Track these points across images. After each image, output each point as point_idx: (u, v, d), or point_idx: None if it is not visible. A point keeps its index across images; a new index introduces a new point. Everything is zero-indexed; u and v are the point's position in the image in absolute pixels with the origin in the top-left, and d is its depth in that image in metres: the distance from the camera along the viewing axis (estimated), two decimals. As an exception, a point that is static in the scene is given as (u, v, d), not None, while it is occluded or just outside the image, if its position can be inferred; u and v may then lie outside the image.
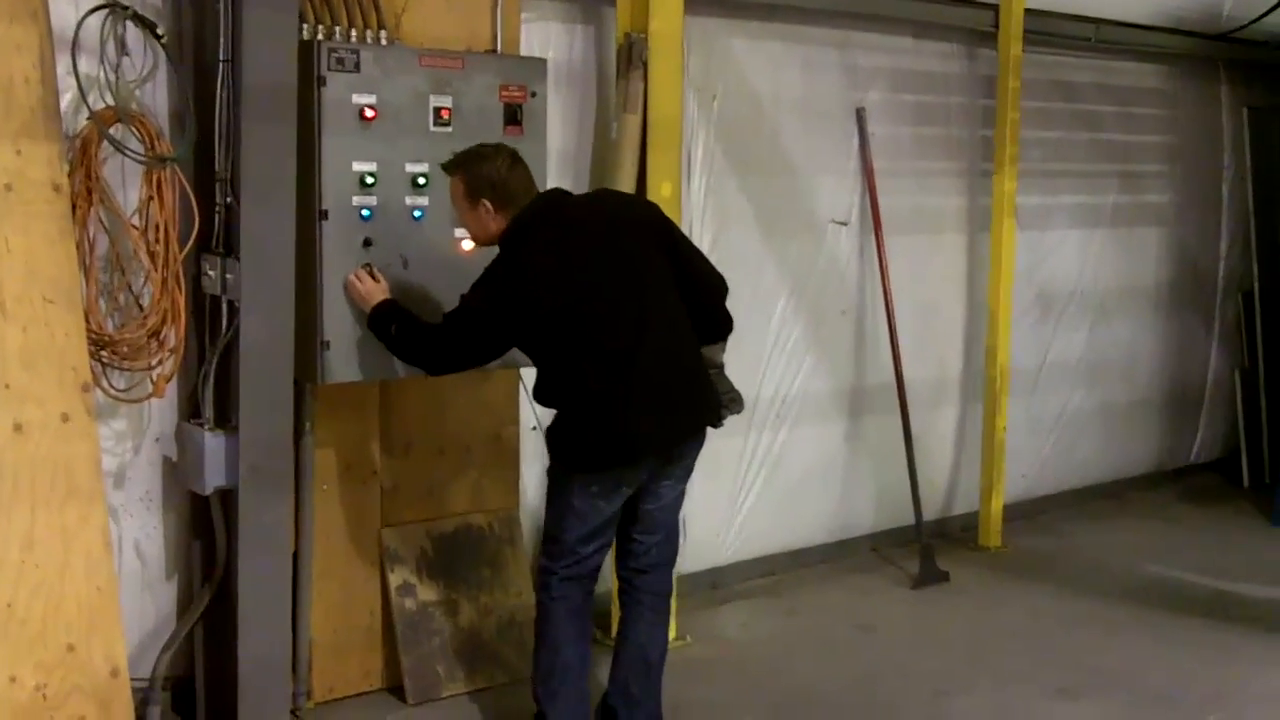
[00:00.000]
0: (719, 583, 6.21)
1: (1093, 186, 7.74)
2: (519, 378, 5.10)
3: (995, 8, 6.81)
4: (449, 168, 4.35)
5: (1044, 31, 7.10)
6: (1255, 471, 8.47)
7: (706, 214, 5.97)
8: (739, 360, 6.12)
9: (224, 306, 4.35)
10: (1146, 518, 7.79)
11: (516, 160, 4.32)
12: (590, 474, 4.26)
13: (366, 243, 4.50)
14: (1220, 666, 5.50)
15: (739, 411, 4.65)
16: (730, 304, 6.03)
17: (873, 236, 6.59)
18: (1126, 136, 7.91)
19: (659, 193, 5.26)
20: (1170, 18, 7.86)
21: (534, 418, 5.18)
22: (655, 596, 4.53)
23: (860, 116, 6.55)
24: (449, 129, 4.68)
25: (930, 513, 6.94)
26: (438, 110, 4.68)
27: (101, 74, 4.22)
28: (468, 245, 4.66)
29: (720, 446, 6.12)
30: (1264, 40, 8.29)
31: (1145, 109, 8.05)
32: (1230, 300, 8.69)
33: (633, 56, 5.30)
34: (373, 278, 4.44)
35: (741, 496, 6.31)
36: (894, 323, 6.60)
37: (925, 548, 6.56)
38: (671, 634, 5.45)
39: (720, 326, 4.57)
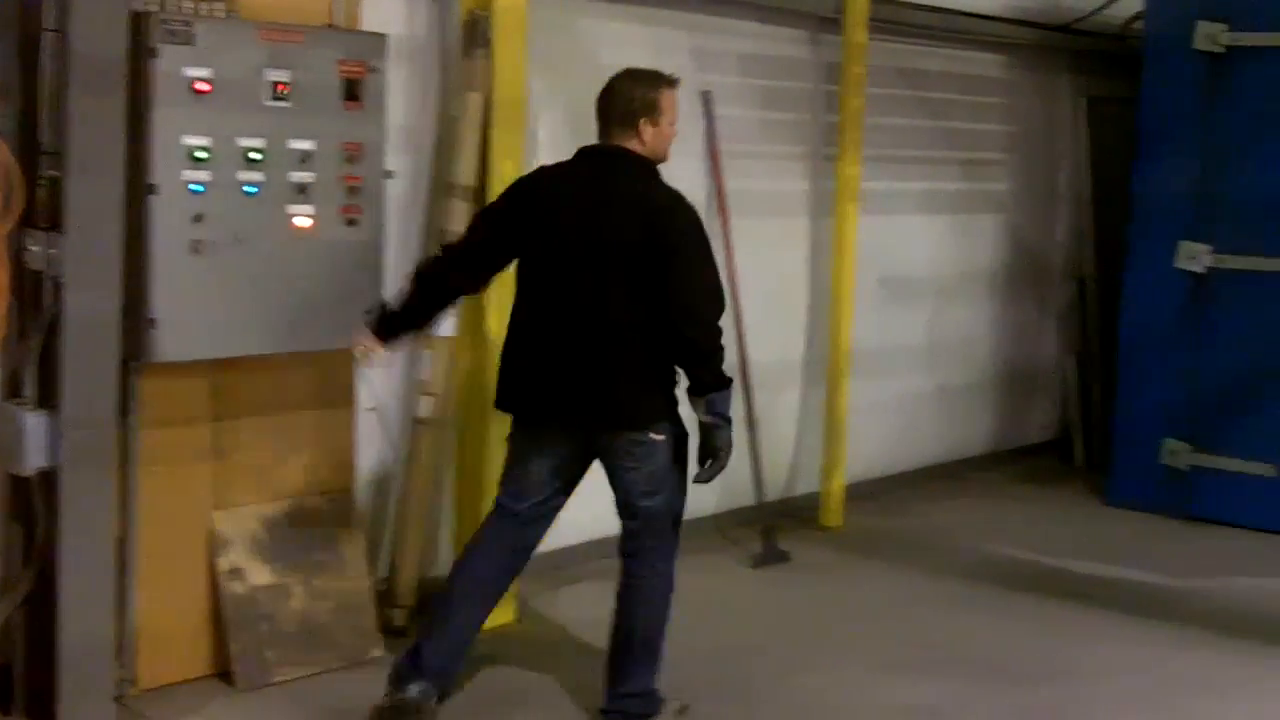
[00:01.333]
0: (561, 564, 6.18)
1: (936, 173, 7.88)
2: (354, 359, 5.03)
3: (841, -6, 6.89)
4: (674, 81, 4.50)
5: (889, 19, 7.19)
6: (1089, 452, 8.71)
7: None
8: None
9: (48, 283, 4.21)
10: (984, 497, 7.95)
11: None
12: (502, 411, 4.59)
13: (197, 218, 4.41)
14: (1055, 641, 5.63)
15: (711, 469, 4.48)
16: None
17: (719, 220, 6.63)
18: (969, 125, 8.07)
19: (500, 172, 5.23)
20: (1014, 8, 8.03)
21: (370, 398, 5.11)
22: (625, 577, 4.58)
23: (707, 100, 6.57)
24: (286, 104, 4.62)
25: (774, 493, 7.02)
26: (274, 85, 4.60)
27: (-85, 41, 4.07)
28: (302, 222, 4.61)
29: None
30: (1103, 32, 8.51)
31: (988, 97, 8.22)
32: (1066, 286, 8.90)
33: (477, 34, 5.25)
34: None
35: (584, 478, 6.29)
36: (739, 305, 6.64)
37: (767, 528, 6.62)
38: (508, 615, 5.47)
39: (681, 357, 4.38)
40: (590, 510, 6.30)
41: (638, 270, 4.28)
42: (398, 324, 4.57)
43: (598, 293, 4.30)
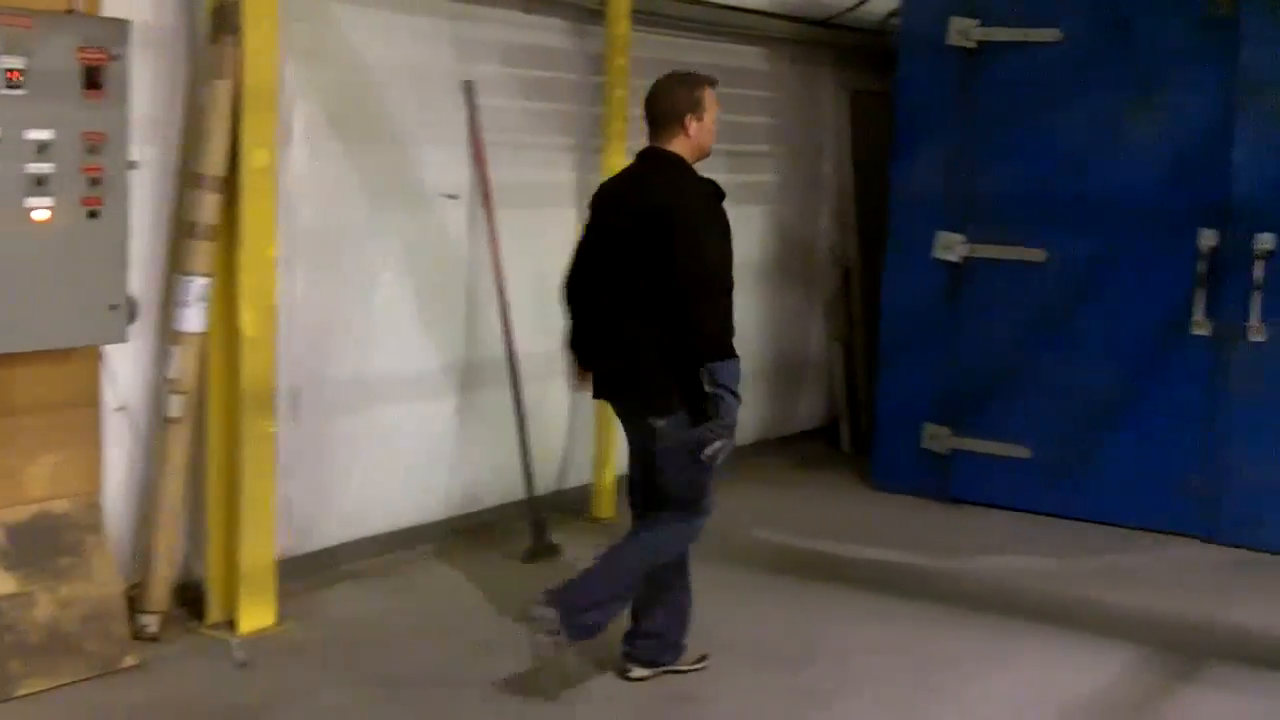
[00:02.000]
0: (328, 564, 6.08)
1: (703, 165, 7.91)
2: (99, 357, 4.85)
3: (604, -15, 6.90)
4: (714, 80, 5.09)
5: (652, 11, 7.23)
6: (856, 437, 8.91)
7: (309, 185, 5.81)
8: (347, 334, 6.08)
9: None
10: (753, 483, 8.03)
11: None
12: None
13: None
14: (812, 623, 5.75)
15: (714, 445, 4.71)
16: (334, 278, 5.95)
17: (483, 210, 6.58)
18: (735, 117, 8.10)
19: (252, 161, 5.10)
20: (776, 3, 8.14)
21: (117, 397, 4.93)
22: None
23: (469, 89, 6.51)
24: (20, 91, 4.45)
25: (546, 485, 7.01)
26: (6, 72, 4.42)
27: None
28: (40, 214, 4.43)
29: (326, 428, 6.05)
30: (864, 27, 8.70)
31: (752, 90, 8.30)
32: (832, 275, 9.08)
33: (225, 20, 5.10)
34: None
35: (351, 475, 6.20)
36: (505, 296, 6.61)
37: (537, 521, 6.60)
38: (269, 619, 5.35)
39: (686, 333, 4.68)
40: (355, 510, 6.26)
41: (650, 257, 4.74)
42: (580, 349, 5.15)
43: (626, 277, 4.86)
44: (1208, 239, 6.92)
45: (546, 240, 7.03)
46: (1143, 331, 7.13)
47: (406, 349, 6.39)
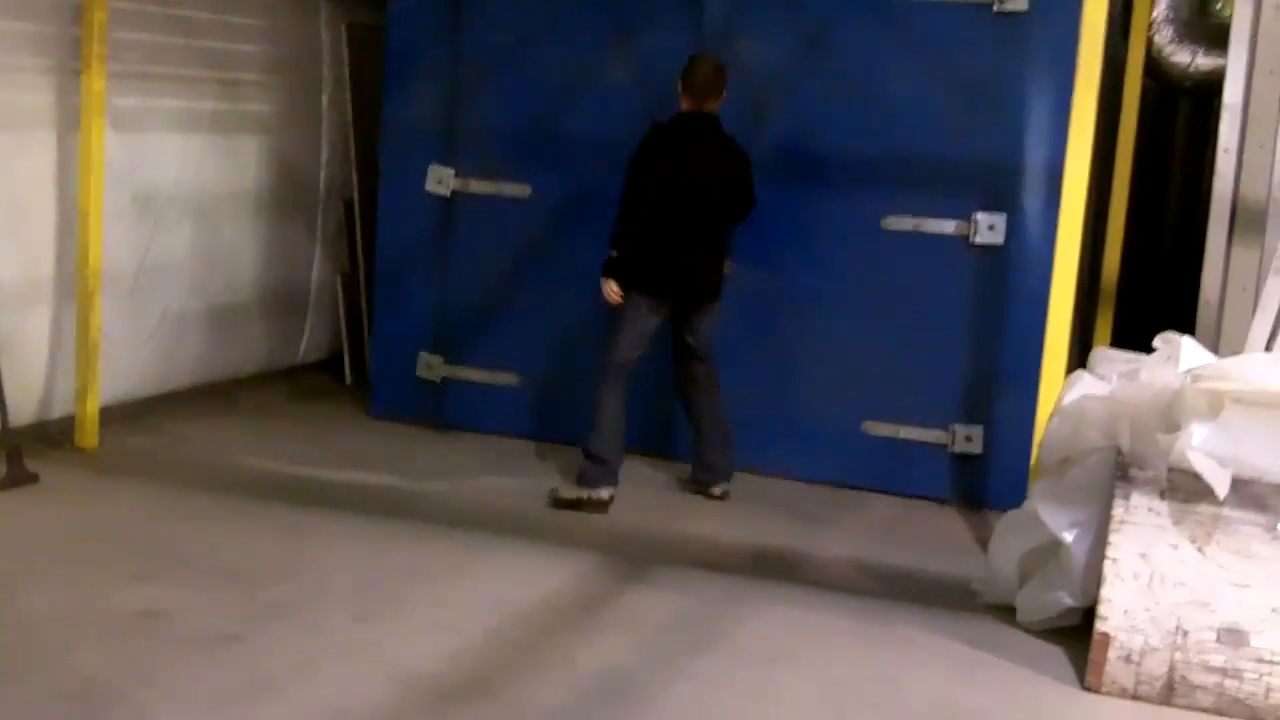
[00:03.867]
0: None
1: (191, 91, 7.86)
2: None
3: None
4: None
5: (136, -68, 7.11)
6: (358, 369, 9.05)
7: None
8: None
9: None
10: (251, 415, 8.11)
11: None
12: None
13: None
14: (296, 543, 5.91)
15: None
16: None
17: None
18: (226, 44, 8.09)
19: None
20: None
21: None
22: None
23: (-70, 5, 6.24)
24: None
25: (27, 416, 6.88)
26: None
27: None
28: None
29: None
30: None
31: (244, 19, 8.25)
32: (332, 208, 9.17)
33: None
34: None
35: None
36: (-26, 221, 6.40)
37: (11, 449, 6.44)
38: None
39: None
40: None
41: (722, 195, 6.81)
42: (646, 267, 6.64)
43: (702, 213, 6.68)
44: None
45: (21, 165, 6.84)
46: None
47: None
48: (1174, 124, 11.02)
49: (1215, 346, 6.61)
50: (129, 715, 4.26)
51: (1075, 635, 5.28)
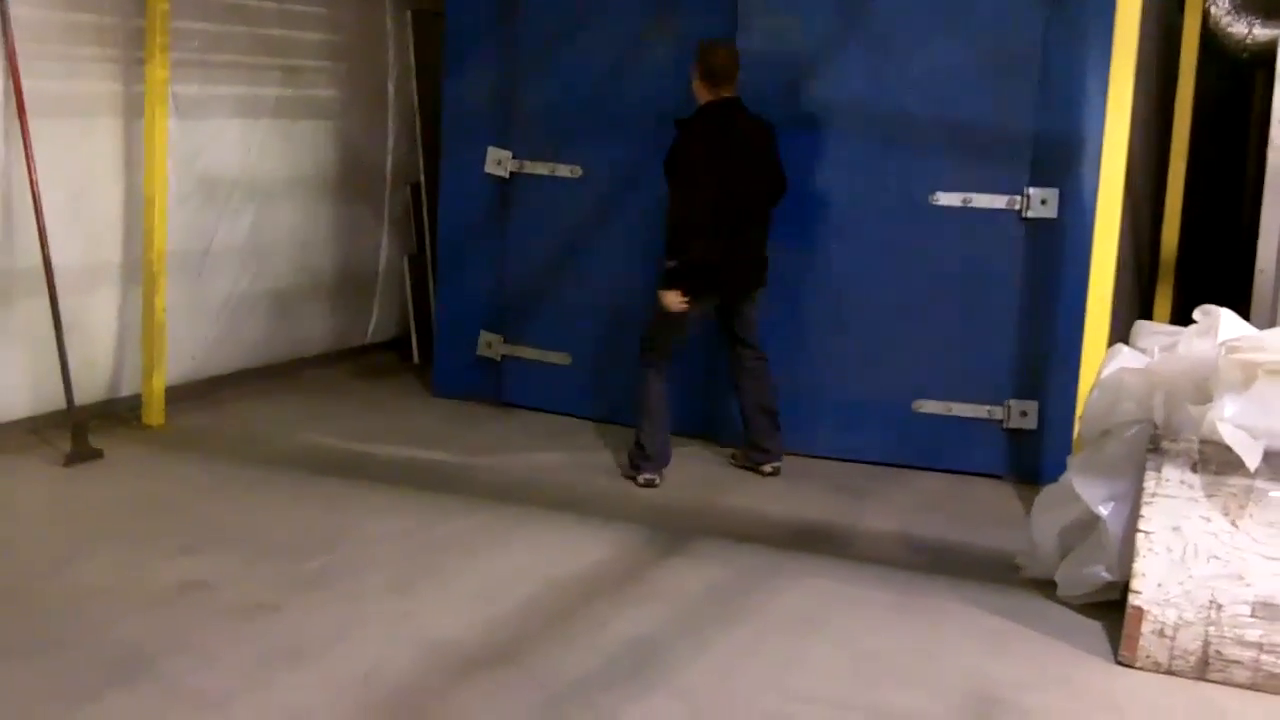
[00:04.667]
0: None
1: (254, 79, 8.04)
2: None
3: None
4: None
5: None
6: (425, 349, 9.17)
7: None
8: None
9: None
10: (315, 393, 8.29)
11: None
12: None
13: None
14: (342, 516, 6.05)
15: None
16: None
17: (17, 121, 6.53)
18: (287, 32, 8.26)
19: None
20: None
21: None
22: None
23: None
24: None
25: (95, 394, 7.13)
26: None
27: None
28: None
29: None
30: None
31: (306, 6, 8.42)
32: (398, 191, 9.33)
33: None
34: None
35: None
36: (40, 206, 6.59)
37: (77, 426, 6.65)
38: None
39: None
40: None
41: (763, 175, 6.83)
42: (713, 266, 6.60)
43: (748, 198, 6.70)
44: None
45: (87, 151, 7.05)
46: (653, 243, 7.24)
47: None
48: (1250, 97, 10.82)
49: (1273, 319, 6.54)
50: (165, 680, 4.41)
51: (1114, 610, 5.23)
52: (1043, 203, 6.98)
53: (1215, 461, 4.86)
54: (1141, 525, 4.97)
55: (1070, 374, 6.41)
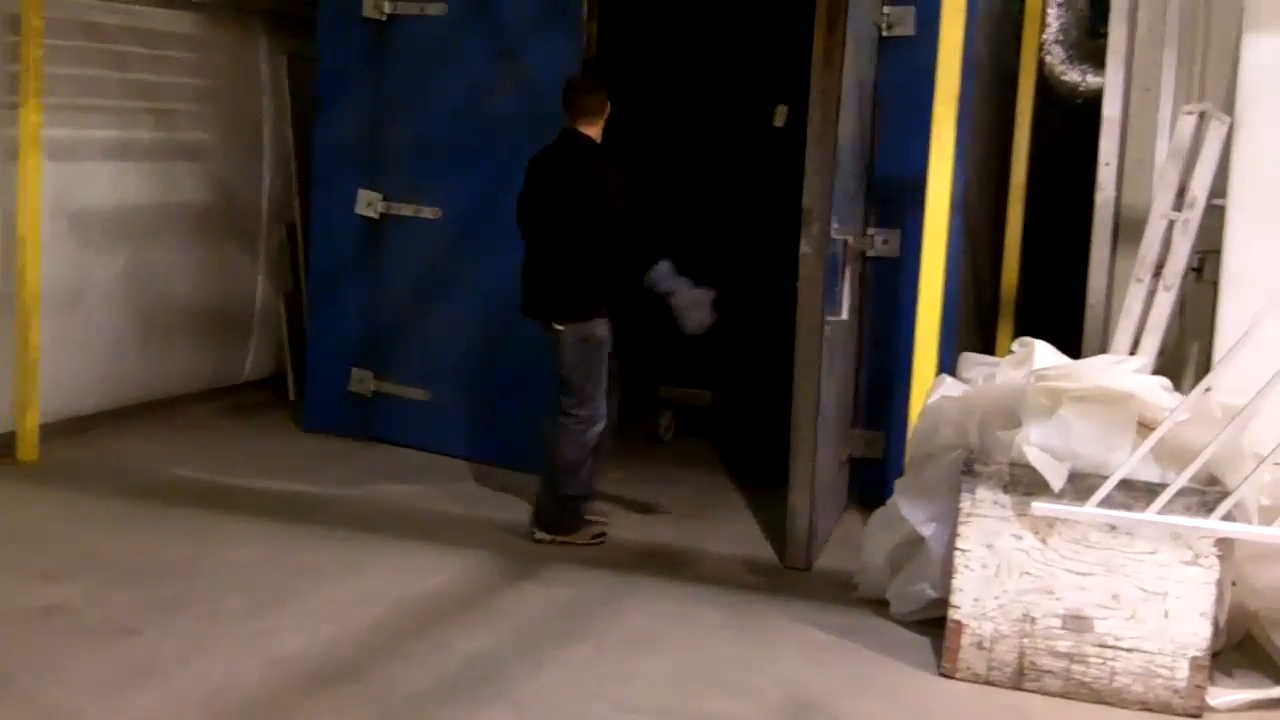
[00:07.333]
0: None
1: (125, 122, 8.22)
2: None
3: (12, -54, 7.07)
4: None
5: (67, -27, 7.47)
6: (301, 386, 9.26)
7: None
8: None
9: None
10: (188, 429, 8.43)
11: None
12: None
13: None
14: (203, 544, 6.24)
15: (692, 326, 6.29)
16: None
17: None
18: (159, 77, 8.44)
19: None
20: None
21: None
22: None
23: None
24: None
25: (-29, 432, 7.22)
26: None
27: None
28: None
29: None
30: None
31: (178, 52, 8.61)
32: (275, 230, 9.50)
33: None
34: None
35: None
36: (-91, 246, 6.73)
37: (-52, 463, 6.79)
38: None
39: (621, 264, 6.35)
40: None
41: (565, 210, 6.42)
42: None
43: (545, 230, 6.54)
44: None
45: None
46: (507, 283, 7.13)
47: None
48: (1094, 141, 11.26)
49: (1103, 349, 6.89)
50: (17, 696, 4.58)
51: (942, 626, 5.47)
52: (884, 243, 7.32)
53: (1024, 483, 5.17)
54: (958, 543, 5.27)
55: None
